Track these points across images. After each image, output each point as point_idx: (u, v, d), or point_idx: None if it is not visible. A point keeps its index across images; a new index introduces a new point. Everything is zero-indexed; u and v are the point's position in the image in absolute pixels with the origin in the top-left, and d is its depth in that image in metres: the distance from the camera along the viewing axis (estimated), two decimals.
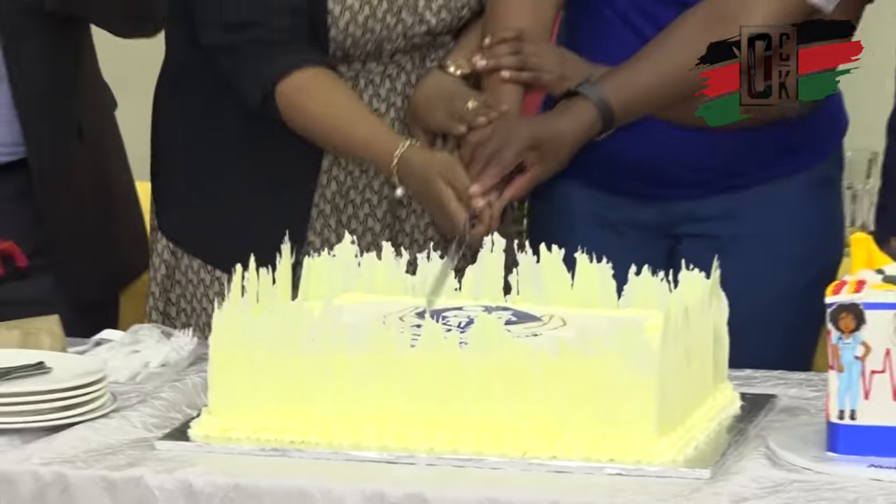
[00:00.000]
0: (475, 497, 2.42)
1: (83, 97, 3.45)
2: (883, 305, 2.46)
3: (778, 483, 2.45)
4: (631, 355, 2.48)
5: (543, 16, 3.21)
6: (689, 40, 3.11)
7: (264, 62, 3.12)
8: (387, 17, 3.15)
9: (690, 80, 3.07)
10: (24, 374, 2.70)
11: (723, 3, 3.13)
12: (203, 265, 3.32)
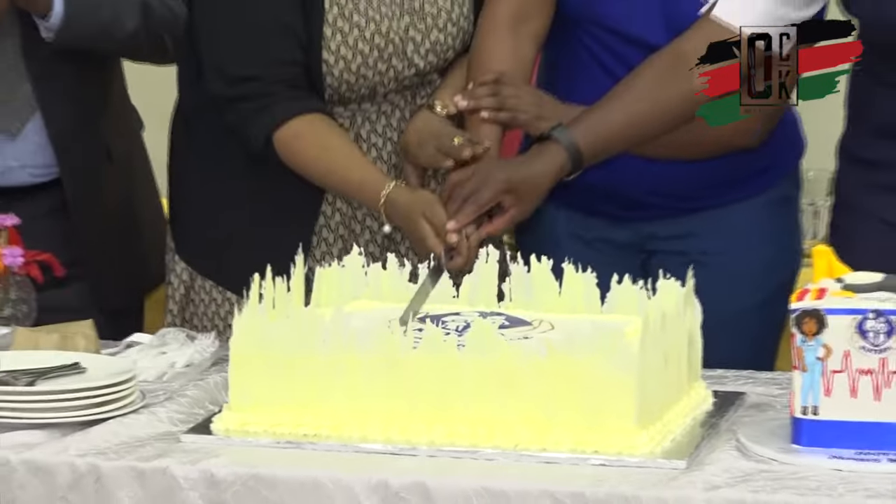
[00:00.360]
0: (471, 486, 2.41)
1: (112, 121, 3.44)
2: (842, 311, 2.45)
3: (747, 473, 2.44)
4: (613, 356, 2.47)
5: (523, 59, 3.20)
6: (648, 88, 3.10)
7: (264, 111, 3.11)
8: (378, 63, 3.14)
9: (650, 124, 3.09)
10: (62, 373, 2.69)
11: (679, 52, 3.08)
12: (215, 286, 3.31)
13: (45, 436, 2.60)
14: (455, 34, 3.21)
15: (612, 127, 3.09)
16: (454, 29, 3.20)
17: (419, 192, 3.11)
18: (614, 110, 3.10)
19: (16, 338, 2.86)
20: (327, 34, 3.10)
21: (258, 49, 3.09)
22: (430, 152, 3.08)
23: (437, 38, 3.20)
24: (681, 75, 3.05)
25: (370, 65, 3.13)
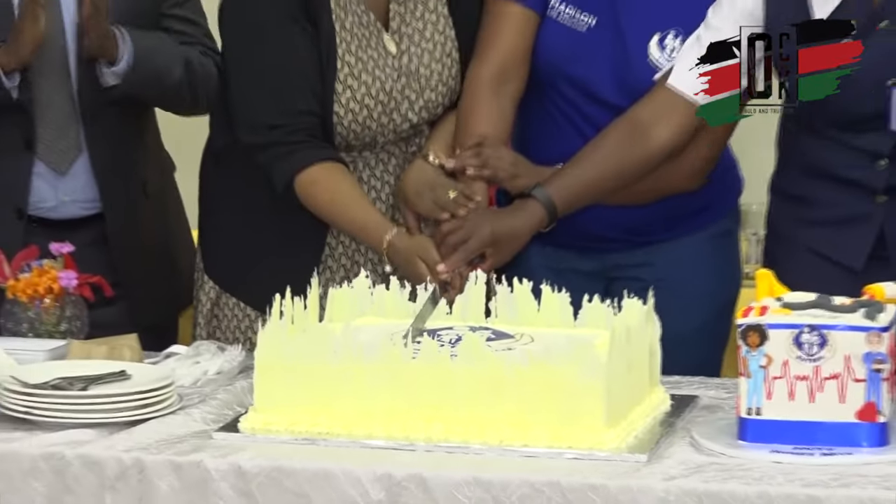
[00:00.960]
0: (462, 477, 2.39)
1: (148, 161, 3.42)
2: (782, 326, 2.43)
3: (700, 465, 2.42)
4: (584, 365, 2.44)
5: (505, 117, 3.16)
6: (612, 152, 3.05)
7: (287, 157, 3.07)
8: (381, 117, 3.12)
9: (614, 182, 3.05)
10: (110, 380, 2.66)
11: (638, 118, 3.05)
12: (238, 303, 3.26)
13: (96, 434, 2.57)
14: (444, 93, 3.18)
15: (582, 186, 3.05)
16: (444, 88, 3.17)
17: (417, 237, 3.08)
18: (584, 171, 3.06)
19: (70, 349, 2.83)
20: (339, 90, 3.07)
21: (283, 102, 3.06)
22: (428, 204, 3.05)
23: (430, 97, 3.16)
24: (639, 141, 3.03)
25: (374, 118, 3.11)
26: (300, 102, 3.05)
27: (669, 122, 3.03)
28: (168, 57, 3.25)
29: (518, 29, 3.11)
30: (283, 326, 2.57)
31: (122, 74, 3.18)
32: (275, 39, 3.06)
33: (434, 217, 3.02)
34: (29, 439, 2.56)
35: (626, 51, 3.09)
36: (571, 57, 3.11)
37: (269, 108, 3.07)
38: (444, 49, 3.14)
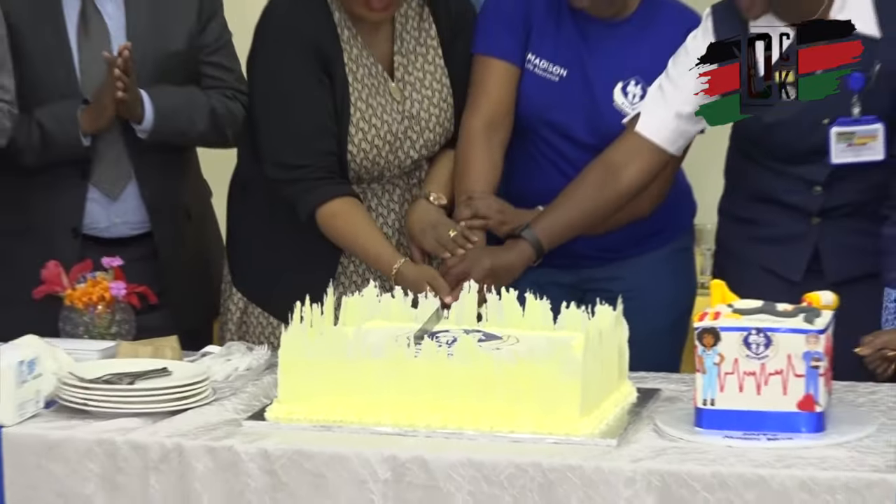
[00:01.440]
0: (458, 458, 2.39)
1: (189, 189, 3.41)
2: (732, 328, 2.43)
3: (662, 448, 2.42)
4: (562, 362, 2.44)
5: (495, 161, 3.12)
6: (588, 193, 3.02)
7: (310, 192, 3.05)
8: (388, 155, 3.11)
9: (591, 219, 3.02)
10: (154, 375, 2.65)
11: (610, 161, 3.02)
12: (262, 312, 3.25)
13: (141, 422, 2.56)
14: (441, 133, 3.16)
15: (564, 225, 3.03)
16: (441, 129, 3.16)
17: (423, 267, 3.06)
18: (565, 212, 3.03)
19: (120, 349, 2.82)
20: (352, 132, 3.06)
21: (306, 145, 3.05)
22: (431, 242, 3.03)
23: (429, 137, 3.15)
24: (611, 182, 3.00)
25: (382, 156, 3.10)
26: (320, 144, 3.04)
27: (638, 164, 3.01)
28: (191, 113, 3.23)
29: (502, 82, 3.09)
30: (303, 329, 2.56)
31: (148, 131, 3.17)
32: (298, 90, 3.04)
33: (436, 254, 3.01)
34: (84, 427, 2.55)
35: (594, 98, 3.07)
36: (548, 105, 3.09)
37: (294, 150, 3.05)
38: (441, 95, 3.13)
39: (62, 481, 2.52)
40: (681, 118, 2.98)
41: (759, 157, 3.05)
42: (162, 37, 3.17)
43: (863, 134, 2.90)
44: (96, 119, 3.12)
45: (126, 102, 3.08)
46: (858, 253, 3.00)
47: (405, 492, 2.40)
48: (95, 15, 3.17)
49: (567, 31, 3.06)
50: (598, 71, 3.06)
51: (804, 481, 2.29)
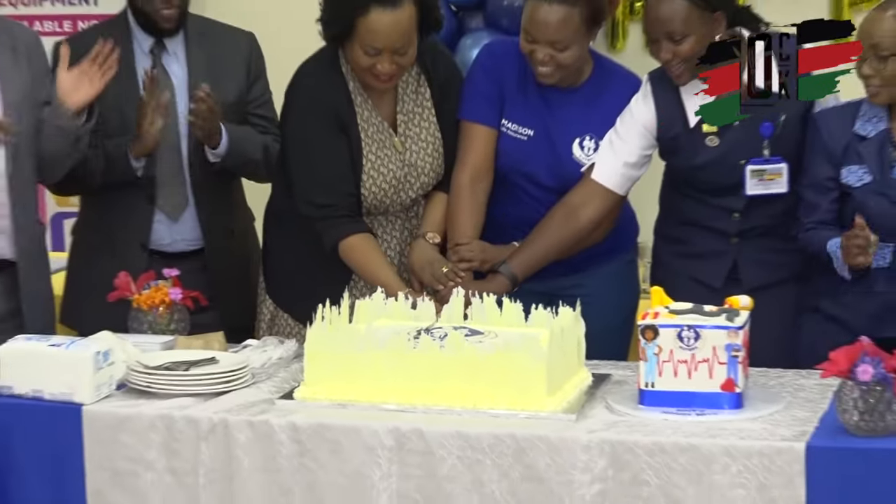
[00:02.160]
0: (449, 430, 2.39)
1: (235, 214, 3.39)
2: (669, 325, 2.42)
3: (613, 422, 2.41)
4: (532, 353, 2.43)
5: (479, 214, 3.06)
6: (553, 231, 2.98)
7: (335, 228, 3.00)
8: (392, 196, 3.07)
9: (557, 252, 2.98)
10: (204, 363, 2.63)
11: (571, 203, 2.99)
12: (288, 318, 3.21)
13: (194, 401, 2.55)
14: (433, 177, 3.12)
15: (534, 260, 2.98)
16: (433, 174, 3.12)
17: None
18: (534, 248, 2.99)
19: (177, 342, 2.80)
20: (364, 179, 3.04)
21: (330, 188, 3.01)
22: (428, 276, 2.98)
23: (424, 181, 3.11)
24: (572, 222, 2.97)
25: (388, 196, 3.07)
26: (341, 187, 3.01)
27: (594, 205, 2.98)
28: (253, 145, 3.21)
29: (483, 143, 3.05)
30: (324, 326, 2.55)
31: (221, 156, 3.14)
32: (322, 145, 3.01)
33: (433, 286, 2.95)
34: (148, 405, 2.54)
35: (556, 152, 3.04)
36: (520, 159, 3.05)
37: (320, 192, 3.01)
38: (434, 146, 3.10)
39: (130, 448, 2.51)
40: (627, 166, 2.96)
41: (687, 191, 3.04)
42: (217, 90, 3.14)
43: (772, 171, 2.89)
44: (142, 145, 3.08)
45: (208, 127, 3.06)
46: (769, 265, 2.99)
47: (406, 457, 2.39)
48: (162, 73, 3.15)
49: (533, 99, 3.03)
50: (559, 130, 3.03)
51: (726, 448, 2.29)
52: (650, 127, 2.95)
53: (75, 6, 4.20)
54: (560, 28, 2.86)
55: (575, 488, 2.33)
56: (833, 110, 2.88)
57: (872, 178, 2.79)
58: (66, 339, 2.67)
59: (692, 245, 3.05)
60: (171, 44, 3.16)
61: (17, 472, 2.55)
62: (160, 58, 3.17)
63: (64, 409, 2.53)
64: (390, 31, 2.85)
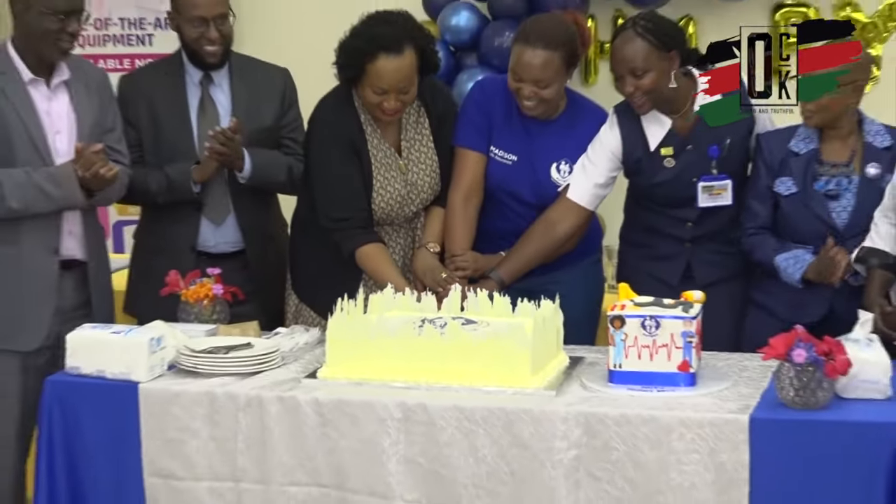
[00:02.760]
0: (448, 404, 2.37)
1: (271, 221, 3.35)
2: (634, 316, 2.40)
3: (586, 397, 2.39)
4: (519, 339, 2.41)
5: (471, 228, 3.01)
6: (535, 241, 2.94)
7: (350, 239, 2.96)
8: (397, 210, 3.02)
9: (538, 259, 2.95)
10: (241, 348, 2.60)
11: (549, 218, 2.95)
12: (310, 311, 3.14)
13: (233, 379, 2.52)
14: (431, 194, 3.08)
15: (519, 266, 2.94)
16: (431, 191, 3.08)
17: None
18: (519, 257, 2.95)
19: (219, 330, 2.77)
20: (374, 196, 3.00)
21: (347, 204, 2.97)
22: (430, 281, 2.94)
23: (423, 197, 3.07)
24: (550, 234, 2.93)
25: (394, 210, 3.03)
26: (356, 203, 2.97)
27: (569, 220, 2.95)
28: (276, 168, 3.16)
29: (474, 166, 3.01)
30: (343, 317, 2.51)
31: (246, 178, 3.11)
32: (338, 167, 2.97)
33: (433, 289, 2.89)
34: (195, 383, 2.51)
35: (536, 175, 3.00)
36: (505, 180, 3.02)
37: (338, 207, 2.97)
38: (432, 167, 3.06)
39: (179, 420, 2.48)
40: (597, 186, 2.94)
41: (648, 204, 3.01)
42: (256, 118, 3.12)
43: (719, 187, 2.86)
44: (202, 173, 3.07)
45: (233, 158, 3.04)
46: (717, 265, 2.95)
47: (412, 427, 2.37)
48: (210, 102, 3.13)
49: (517, 129, 3.00)
50: (539, 156, 3.00)
51: (682, 419, 2.27)
52: (616, 152, 2.93)
53: (133, 47, 4.18)
54: (543, 69, 2.85)
55: (554, 453, 2.31)
56: (775, 131, 2.87)
57: (798, 189, 2.77)
58: (125, 327, 2.66)
59: (652, 249, 3.03)
60: (216, 77, 3.14)
61: (82, 439, 2.53)
62: (208, 88, 3.14)
63: (123, 386, 2.50)
64: (394, 75, 2.84)
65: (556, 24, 2.91)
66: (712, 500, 2.25)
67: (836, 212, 2.76)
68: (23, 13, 2.75)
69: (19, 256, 2.78)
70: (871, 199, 2.72)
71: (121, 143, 2.99)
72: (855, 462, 2.19)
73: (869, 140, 2.76)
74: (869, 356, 2.31)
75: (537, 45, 2.84)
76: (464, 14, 4.00)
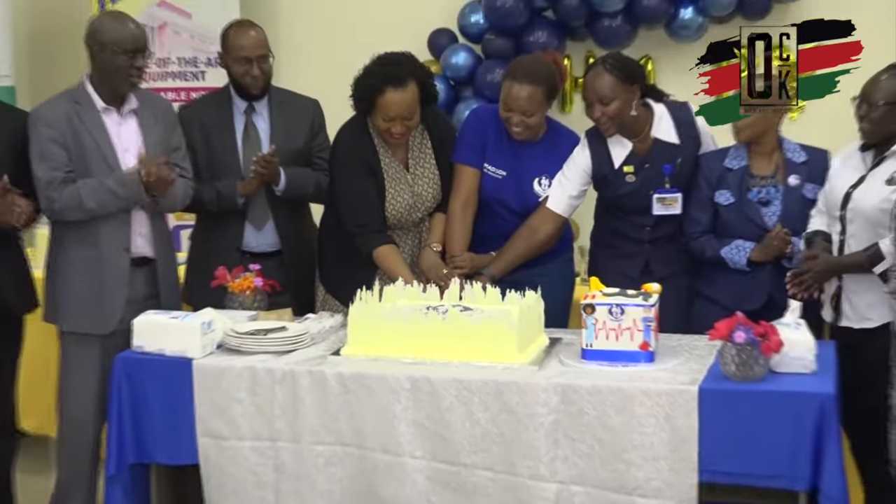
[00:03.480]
0: (448, 377, 2.33)
1: (304, 226, 3.28)
2: (603, 304, 2.36)
3: (563, 371, 2.35)
4: (507, 323, 2.37)
5: (468, 231, 2.96)
6: (519, 244, 2.89)
7: (369, 242, 2.90)
8: (406, 217, 2.97)
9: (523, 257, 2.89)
10: (278, 330, 2.57)
11: (531, 224, 2.90)
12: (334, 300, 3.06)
13: (271, 357, 2.48)
14: (434, 202, 3.03)
15: (507, 263, 2.88)
16: (433, 201, 3.02)
17: None
18: (507, 256, 2.89)
19: (259, 316, 2.73)
20: (387, 205, 2.95)
21: (365, 213, 2.92)
22: (434, 276, 2.88)
23: (427, 205, 3.02)
24: (532, 238, 2.89)
25: (403, 216, 2.98)
26: (373, 211, 2.92)
27: (548, 226, 2.90)
28: (306, 183, 3.11)
29: (471, 179, 2.97)
30: (362, 304, 2.47)
31: (281, 191, 3.06)
32: (357, 183, 2.93)
33: (437, 283, 2.80)
34: (239, 359, 2.47)
35: (521, 188, 2.96)
36: (496, 191, 2.97)
37: (359, 215, 2.92)
38: (434, 181, 3.01)
39: (226, 389, 2.44)
40: (572, 197, 2.90)
41: (613, 212, 2.97)
42: (290, 140, 3.07)
43: (671, 198, 2.82)
44: (247, 188, 3.02)
45: (271, 176, 3.00)
46: (671, 262, 2.89)
47: (419, 395, 2.33)
48: (253, 128, 3.09)
49: (505, 150, 2.97)
50: (524, 172, 2.96)
51: (643, 389, 2.23)
52: (587, 169, 2.90)
53: (189, 81, 4.16)
54: (528, 101, 2.82)
55: (537, 418, 2.27)
56: (712, 152, 2.85)
57: (735, 199, 2.75)
58: (182, 313, 2.62)
59: (618, 248, 2.98)
60: (258, 106, 3.10)
61: (146, 406, 2.49)
62: (251, 116, 3.10)
63: (180, 362, 2.47)
64: (400, 105, 2.81)
65: (538, 64, 2.88)
66: (668, 456, 2.22)
67: (767, 216, 2.74)
68: (98, 53, 2.75)
69: (99, 256, 2.77)
70: (794, 203, 2.71)
71: (185, 160, 2.96)
72: (785, 424, 2.17)
73: (788, 156, 2.75)
74: (797, 337, 2.28)
75: (524, 82, 2.82)
76: (462, 54, 3.99)
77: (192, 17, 4.01)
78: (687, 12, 3.67)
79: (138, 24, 2.82)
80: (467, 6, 3.95)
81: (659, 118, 2.82)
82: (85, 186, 2.72)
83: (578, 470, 2.26)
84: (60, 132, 2.72)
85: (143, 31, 2.80)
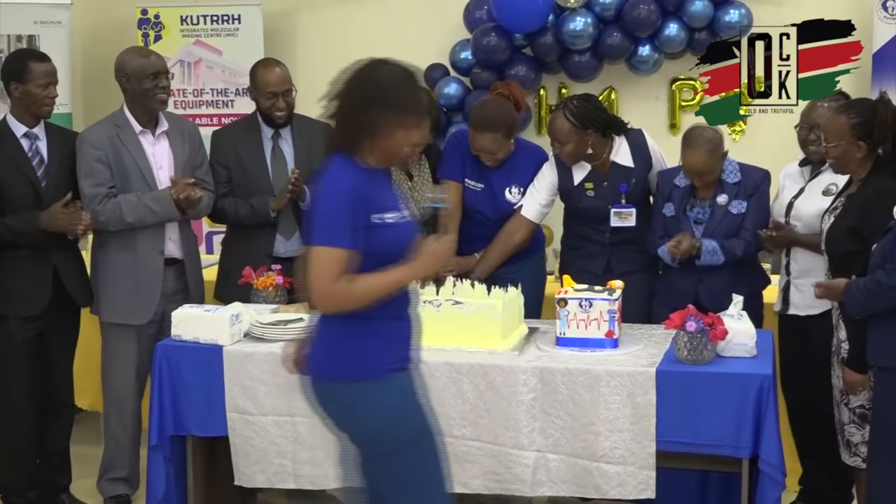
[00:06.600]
0: (441, 360, 2.28)
1: None
2: (574, 298, 2.33)
3: (540, 356, 2.30)
4: (493, 313, 2.34)
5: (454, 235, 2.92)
6: (498, 248, 2.86)
7: None
8: None
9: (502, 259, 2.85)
10: (296, 321, 2.49)
11: (508, 229, 2.86)
12: None
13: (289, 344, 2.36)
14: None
15: (489, 265, 2.84)
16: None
17: None
18: (489, 258, 2.85)
19: (280, 309, 2.67)
20: None
21: None
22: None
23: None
24: (509, 241, 2.85)
25: None
26: None
27: (522, 231, 2.87)
28: None
29: (455, 192, 2.93)
30: None
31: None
32: None
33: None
34: (263, 346, 2.42)
35: (496, 198, 2.93)
36: (475, 201, 2.94)
37: None
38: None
39: (251, 372, 2.39)
40: (542, 206, 2.88)
41: (579, 220, 2.93)
42: (310, 161, 2.98)
43: (626, 213, 2.80)
44: (278, 204, 2.96)
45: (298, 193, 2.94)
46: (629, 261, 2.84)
47: None
48: (279, 151, 3.03)
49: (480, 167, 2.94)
50: (497, 184, 2.94)
51: (609, 371, 2.20)
52: (554, 184, 2.88)
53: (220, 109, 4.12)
54: (491, 144, 2.83)
55: (518, 395, 2.23)
56: (668, 170, 2.81)
57: (676, 213, 2.72)
58: (213, 306, 2.56)
59: (584, 250, 2.94)
60: (283, 132, 3.04)
61: (183, 386, 2.44)
62: (277, 141, 3.05)
63: (212, 349, 2.41)
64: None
65: (493, 110, 2.84)
66: (630, 428, 2.19)
67: (697, 231, 2.70)
68: (126, 84, 2.76)
69: (135, 257, 2.75)
70: (719, 218, 2.67)
71: (208, 175, 2.91)
72: (730, 401, 2.15)
73: (724, 177, 2.71)
74: (740, 326, 2.26)
75: (484, 131, 2.82)
76: (453, 85, 3.97)
77: (222, 54, 3.97)
78: (645, 49, 3.66)
79: (156, 53, 2.84)
80: (458, 44, 3.93)
81: (618, 146, 2.82)
82: (125, 202, 2.70)
83: (553, 440, 2.23)
84: (105, 152, 2.71)
85: (160, 58, 2.80)
